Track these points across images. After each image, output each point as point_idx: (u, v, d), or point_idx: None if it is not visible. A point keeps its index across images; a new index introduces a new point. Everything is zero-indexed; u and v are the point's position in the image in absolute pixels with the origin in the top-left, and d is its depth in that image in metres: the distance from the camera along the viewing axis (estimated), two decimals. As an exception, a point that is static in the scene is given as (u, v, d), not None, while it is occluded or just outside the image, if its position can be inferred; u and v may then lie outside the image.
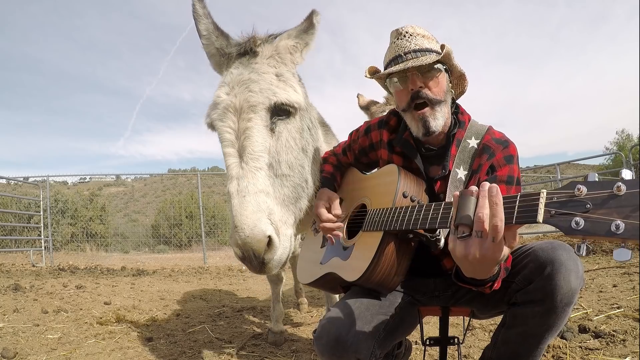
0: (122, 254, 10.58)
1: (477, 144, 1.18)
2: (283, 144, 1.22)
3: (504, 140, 1.18)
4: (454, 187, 1.14)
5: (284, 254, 1.16)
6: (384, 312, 1.17)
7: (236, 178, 1.13)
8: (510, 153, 1.15)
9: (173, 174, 37.37)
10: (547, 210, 0.67)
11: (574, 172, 32.21)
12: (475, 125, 1.24)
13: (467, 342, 2.26)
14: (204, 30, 1.32)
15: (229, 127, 1.19)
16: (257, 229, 1.06)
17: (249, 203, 1.08)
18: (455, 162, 1.17)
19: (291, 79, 1.28)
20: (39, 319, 2.81)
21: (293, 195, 1.23)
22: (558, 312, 0.99)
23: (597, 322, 2.26)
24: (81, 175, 18.59)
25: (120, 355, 2.24)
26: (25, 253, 8.73)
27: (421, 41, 1.17)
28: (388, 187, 1.21)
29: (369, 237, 1.17)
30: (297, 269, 1.60)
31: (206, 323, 2.95)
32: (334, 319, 1.10)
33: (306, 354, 2.27)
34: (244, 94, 1.20)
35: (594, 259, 5.02)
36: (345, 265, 1.23)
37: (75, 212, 11.82)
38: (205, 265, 7.83)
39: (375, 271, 1.11)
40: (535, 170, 14.17)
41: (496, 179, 1.12)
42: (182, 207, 11.98)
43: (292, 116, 1.25)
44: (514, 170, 1.14)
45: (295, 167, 1.24)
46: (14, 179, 9.61)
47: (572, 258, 0.99)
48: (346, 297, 1.21)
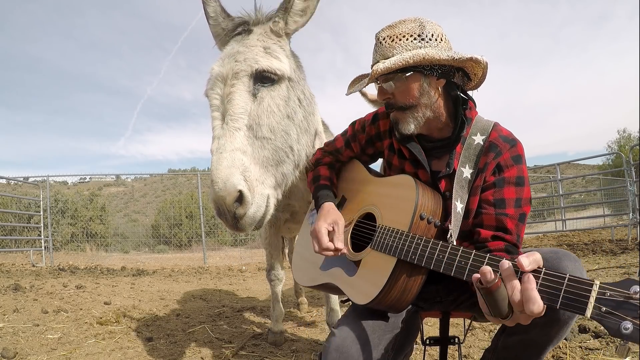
0: (122, 254, 10.58)
1: (483, 140, 1.13)
2: (265, 109, 1.29)
3: (512, 138, 1.13)
4: (460, 187, 1.10)
5: (257, 212, 1.22)
6: (391, 330, 1.13)
7: (217, 138, 1.23)
8: (518, 152, 1.11)
9: (173, 174, 37.37)
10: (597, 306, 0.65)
11: (574, 172, 32.23)
12: (480, 120, 1.18)
13: (467, 342, 2.26)
14: (212, 12, 1.46)
15: (217, 94, 1.31)
16: (229, 182, 1.14)
17: (224, 159, 1.17)
18: (461, 161, 1.12)
19: (277, 51, 1.37)
20: (39, 319, 2.80)
21: (274, 158, 1.30)
22: (560, 324, 0.96)
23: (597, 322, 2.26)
24: (81, 175, 18.64)
25: (120, 355, 2.23)
26: (25, 253, 8.73)
27: (388, 49, 1.11)
28: (403, 204, 1.11)
29: (379, 259, 1.10)
30: (293, 266, 1.52)
31: (206, 323, 2.95)
32: (341, 348, 1.04)
33: (306, 354, 2.27)
34: (231, 64, 1.31)
35: (594, 259, 5.02)
36: (351, 282, 1.16)
37: (75, 212, 11.82)
38: (205, 265, 7.83)
39: (387, 297, 1.04)
40: (535, 170, 14.13)
41: (504, 181, 1.08)
42: (182, 207, 11.98)
43: (276, 84, 1.34)
44: (522, 170, 1.09)
45: (277, 131, 1.31)
46: (14, 179, 9.60)
47: (577, 269, 0.95)
48: (350, 316, 1.14)
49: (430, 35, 1.11)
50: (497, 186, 1.08)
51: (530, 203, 1.10)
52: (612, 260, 4.78)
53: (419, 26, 1.11)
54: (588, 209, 12.65)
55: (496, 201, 1.08)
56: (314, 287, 1.35)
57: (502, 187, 1.08)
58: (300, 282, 1.42)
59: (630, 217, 7.00)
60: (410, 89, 1.11)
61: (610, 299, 0.64)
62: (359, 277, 1.15)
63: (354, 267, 1.17)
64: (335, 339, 1.07)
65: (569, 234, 8.73)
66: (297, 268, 1.50)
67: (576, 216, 10.28)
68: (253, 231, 1.33)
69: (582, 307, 0.66)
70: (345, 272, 1.20)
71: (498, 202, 1.07)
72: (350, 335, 1.07)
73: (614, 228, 7.55)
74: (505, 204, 1.07)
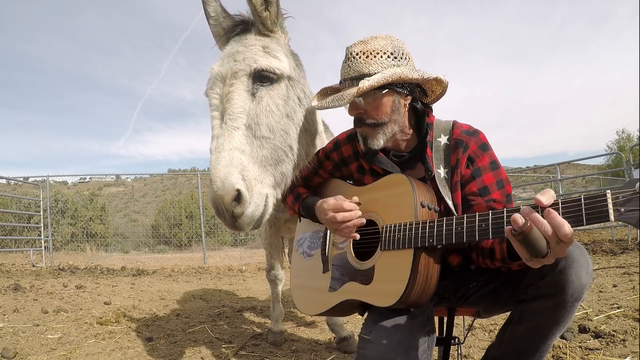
0: (122, 254, 10.58)
1: (448, 139, 1.22)
2: (263, 108, 1.29)
3: (473, 130, 1.21)
4: (442, 187, 1.16)
5: (255, 211, 1.21)
6: (422, 328, 1.12)
7: (216, 137, 1.23)
8: (482, 141, 1.19)
9: (173, 174, 37.37)
10: (616, 210, 0.75)
11: (574, 172, 32.21)
12: (440, 123, 1.26)
13: (467, 342, 2.26)
14: (212, 12, 1.46)
15: (216, 94, 1.31)
16: (227, 181, 1.14)
17: (222, 158, 1.17)
18: (435, 163, 1.20)
19: (276, 50, 1.36)
20: (39, 319, 2.80)
21: (273, 157, 1.29)
22: (567, 306, 1.00)
23: (597, 322, 2.26)
24: (81, 175, 18.65)
25: (120, 355, 2.23)
26: (25, 253, 8.74)
27: (361, 65, 1.16)
28: (401, 199, 1.13)
29: (395, 256, 1.10)
30: (296, 301, 1.45)
31: (206, 323, 2.95)
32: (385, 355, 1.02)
33: (306, 354, 2.27)
34: (230, 64, 1.31)
35: (594, 259, 5.03)
36: (370, 290, 1.13)
37: (75, 212, 11.82)
38: (205, 265, 7.83)
39: (413, 291, 1.04)
40: (535, 170, 14.10)
41: (481, 170, 1.16)
42: (182, 207, 11.99)
43: (275, 83, 1.33)
44: (492, 155, 1.18)
45: (276, 130, 1.30)
46: (14, 179, 9.61)
47: (583, 254, 1.00)
48: (378, 320, 1.10)
49: (401, 54, 1.19)
50: (477, 176, 1.16)
51: (509, 181, 1.18)
52: (612, 260, 4.79)
53: (390, 44, 1.18)
54: (588, 209, 12.64)
55: (481, 190, 1.16)
56: (326, 312, 1.29)
57: (481, 176, 1.16)
58: (310, 313, 1.37)
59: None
60: (383, 105, 1.18)
61: (624, 200, 0.74)
62: (377, 281, 1.13)
63: (368, 274, 1.16)
64: (375, 346, 1.03)
65: (569, 234, 8.70)
66: (301, 300, 1.43)
67: (576, 216, 10.27)
68: (252, 230, 1.32)
69: (605, 215, 0.75)
70: (360, 283, 1.17)
71: (483, 191, 1.15)
72: (391, 339, 1.04)
73: (614, 228, 7.56)
74: (489, 190, 1.15)
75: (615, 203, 0.75)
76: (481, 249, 1.10)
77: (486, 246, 1.09)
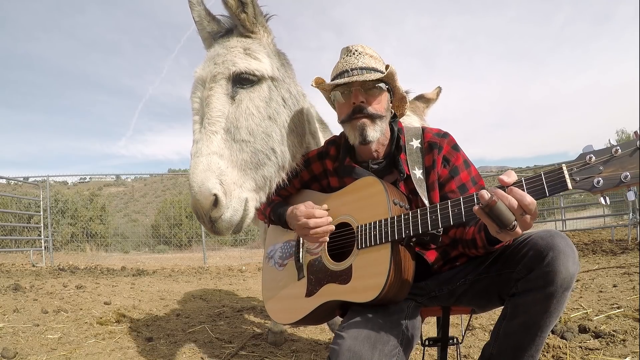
0: (122, 254, 10.58)
1: (420, 143, 1.31)
2: (243, 111, 1.27)
3: (443, 133, 1.31)
4: (419, 187, 1.24)
5: (234, 216, 1.20)
6: (396, 325, 1.14)
7: (195, 142, 1.23)
8: (454, 142, 1.29)
9: (173, 174, 37.32)
10: (572, 179, 0.86)
11: (574, 172, 32.09)
12: (409, 128, 1.37)
13: (466, 342, 2.26)
14: (196, 17, 1.46)
15: (197, 97, 1.31)
16: (204, 186, 1.13)
17: (200, 163, 1.17)
18: (409, 165, 1.28)
19: (258, 51, 1.35)
20: (39, 319, 2.81)
21: (253, 160, 1.27)
22: (558, 296, 1.03)
23: (597, 322, 2.26)
24: (81, 175, 18.55)
25: (120, 355, 2.24)
26: (25, 253, 8.74)
27: (368, 60, 1.28)
28: (373, 198, 1.19)
29: (372, 253, 1.14)
30: (272, 313, 1.41)
31: (206, 323, 2.95)
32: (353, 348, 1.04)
33: (306, 354, 2.27)
34: (210, 67, 1.30)
35: (594, 259, 5.02)
36: (350, 288, 1.16)
37: (75, 212, 11.82)
38: (205, 265, 7.83)
39: (393, 284, 1.08)
40: (535, 170, 14.13)
41: (458, 169, 1.26)
42: (182, 207, 11.97)
43: (257, 85, 1.31)
44: (463, 155, 1.29)
45: (257, 133, 1.28)
46: (14, 179, 9.61)
47: (569, 245, 1.04)
48: (354, 318, 1.13)
49: (384, 62, 1.33)
50: (455, 175, 1.26)
51: (480, 176, 1.28)
52: (612, 260, 4.78)
53: (377, 53, 1.33)
54: (588, 209, 12.64)
55: (460, 188, 1.25)
56: (305, 318, 1.28)
57: (459, 174, 1.26)
58: (287, 322, 1.35)
59: (630, 217, 7.01)
60: (383, 100, 1.29)
61: (578, 170, 0.86)
62: (356, 279, 1.16)
63: (346, 274, 1.19)
64: (344, 340, 1.07)
65: (569, 234, 8.72)
66: (277, 312, 1.39)
67: (576, 216, 10.28)
68: (232, 234, 1.31)
69: (564, 185, 0.86)
70: (339, 283, 1.20)
71: (461, 188, 1.25)
72: (360, 334, 1.07)
73: (614, 228, 7.56)
74: (467, 187, 1.25)
75: (571, 174, 0.86)
76: (465, 241, 1.18)
77: (468, 237, 1.17)
